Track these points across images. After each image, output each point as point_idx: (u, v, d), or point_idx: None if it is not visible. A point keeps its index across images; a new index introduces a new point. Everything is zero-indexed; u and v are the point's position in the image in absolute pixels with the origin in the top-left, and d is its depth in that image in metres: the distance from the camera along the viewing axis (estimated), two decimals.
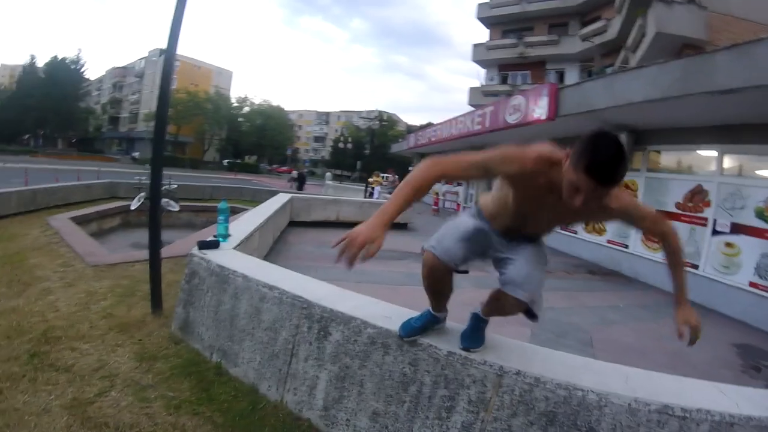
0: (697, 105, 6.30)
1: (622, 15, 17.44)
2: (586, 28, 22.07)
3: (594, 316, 5.19)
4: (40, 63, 52.84)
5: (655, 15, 12.67)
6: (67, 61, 53.04)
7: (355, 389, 2.12)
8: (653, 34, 12.63)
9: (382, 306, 2.40)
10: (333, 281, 3.51)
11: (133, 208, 7.61)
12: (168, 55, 3.56)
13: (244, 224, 4.79)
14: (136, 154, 47.91)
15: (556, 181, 1.48)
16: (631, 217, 1.68)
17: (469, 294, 2.09)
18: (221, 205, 3.67)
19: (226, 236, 3.58)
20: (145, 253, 5.32)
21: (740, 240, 6.49)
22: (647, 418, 1.65)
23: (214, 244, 3.27)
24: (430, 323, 2.06)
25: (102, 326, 3.20)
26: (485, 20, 27.47)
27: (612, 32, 19.58)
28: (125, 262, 4.98)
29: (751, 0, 12.37)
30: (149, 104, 51.85)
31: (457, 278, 1.91)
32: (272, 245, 6.56)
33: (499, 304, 1.85)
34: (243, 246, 3.76)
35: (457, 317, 2.18)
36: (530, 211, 1.71)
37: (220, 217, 3.61)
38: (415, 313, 2.15)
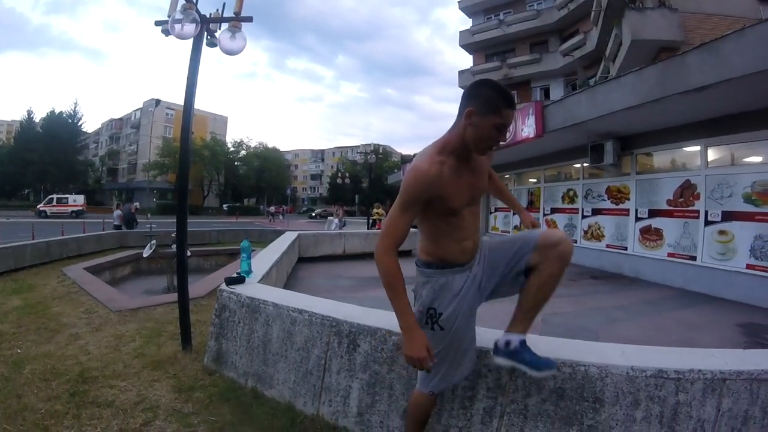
0: (676, 105, 6.65)
1: (599, 27, 18.02)
2: (566, 43, 22.80)
3: (600, 317, 5.41)
4: (37, 118, 53.66)
5: (629, 23, 13.21)
6: (64, 115, 53.86)
7: (385, 392, 2.36)
8: (629, 41, 13.14)
9: None
10: None
11: (145, 255, 7.82)
12: (186, 108, 3.81)
13: (262, 261, 5.04)
14: (136, 204, 48.19)
15: (456, 155, 1.69)
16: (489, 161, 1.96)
17: (479, 309, 2.18)
18: (243, 244, 3.95)
19: (249, 272, 3.84)
20: (163, 297, 5.65)
21: (732, 226, 6.81)
22: (645, 383, 1.89)
23: (240, 280, 3.53)
24: None
25: (136, 365, 3.35)
26: (468, 47, 28.30)
27: (591, 44, 20.21)
28: (147, 306, 5.16)
29: None
30: (146, 154, 52.50)
31: None
32: (286, 281, 6.81)
33: (558, 272, 1.77)
34: (265, 281, 4.01)
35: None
36: (461, 200, 1.73)
37: (243, 255, 3.87)
38: None
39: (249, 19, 4.03)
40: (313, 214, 50.94)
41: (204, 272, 8.91)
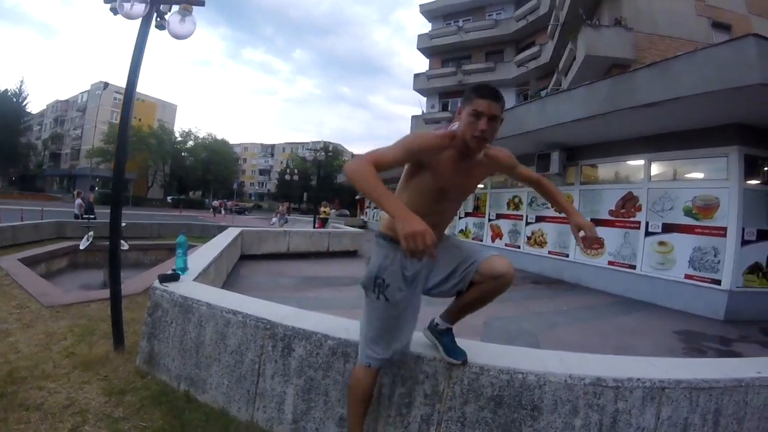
0: (624, 120, 6.91)
1: (554, 40, 18.54)
2: (521, 54, 23.23)
3: (541, 321, 5.52)
4: None
5: (584, 39, 13.62)
6: (9, 94, 50.45)
7: (321, 399, 2.27)
8: (583, 56, 13.55)
9: (339, 320, 2.56)
10: None
11: (82, 248, 7.42)
12: (128, 92, 3.56)
13: (200, 258, 4.83)
14: (93, 194, 45.55)
15: (459, 149, 1.83)
16: (512, 166, 2.10)
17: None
18: (180, 239, 3.74)
19: (185, 269, 3.65)
20: (98, 293, 5.33)
21: (672, 238, 7.13)
22: (584, 391, 1.90)
23: (174, 277, 3.34)
24: None
25: (66, 365, 3.18)
26: (425, 50, 28.52)
27: (545, 57, 20.77)
28: (80, 302, 4.89)
29: (673, 19, 13.54)
30: (91, 140, 49.75)
31: None
32: (225, 279, 6.58)
33: (490, 295, 1.90)
34: (201, 278, 3.83)
35: None
36: (448, 187, 1.87)
37: (179, 251, 3.67)
38: None
39: (201, 3, 3.85)
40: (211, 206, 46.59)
41: (143, 267, 8.55)
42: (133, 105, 3.71)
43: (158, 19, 3.70)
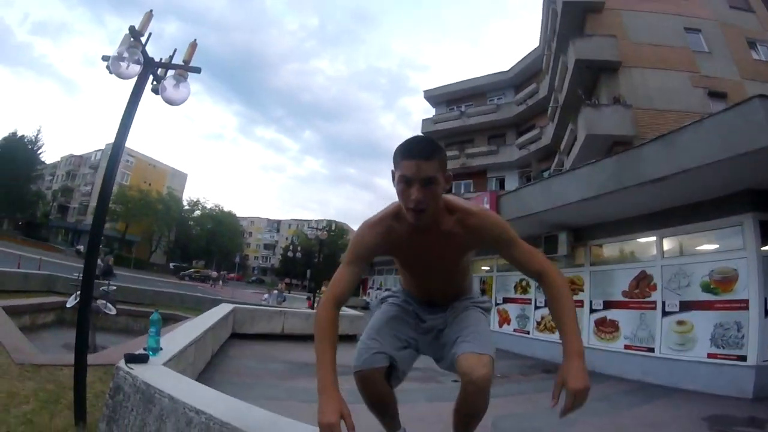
0: (631, 197, 6.71)
1: (555, 122, 18.91)
2: (522, 137, 23.71)
3: (555, 418, 4.87)
4: None
5: (584, 118, 13.85)
6: (25, 140, 51.67)
7: None
8: (584, 136, 13.71)
9: None
10: (274, 400, 3.20)
11: (69, 306, 7.01)
12: (114, 152, 3.42)
13: (180, 336, 4.40)
14: (81, 248, 44.86)
15: (405, 224, 1.59)
16: (499, 239, 1.62)
17: (422, 408, 1.91)
18: (153, 316, 3.35)
19: (157, 350, 3.24)
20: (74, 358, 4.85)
21: (691, 316, 6.70)
22: None
23: (143, 358, 2.95)
24: None
25: None
26: (429, 134, 29.13)
27: (546, 138, 21.11)
28: (53, 365, 4.49)
29: (670, 93, 13.81)
30: None
31: (407, 391, 1.77)
32: (210, 359, 6.07)
33: (465, 401, 1.62)
34: (176, 361, 3.41)
35: None
36: (411, 264, 1.79)
37: (152, 330, 3.28)
38: None
39: (197, 70, 3.74)
40: (182, 273, 45.81)
41: (133, 334, 8.33)
42: (119, 164, 3.59)
43: (154, 82, 3.59)
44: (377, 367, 1.65)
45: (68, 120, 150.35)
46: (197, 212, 61.16)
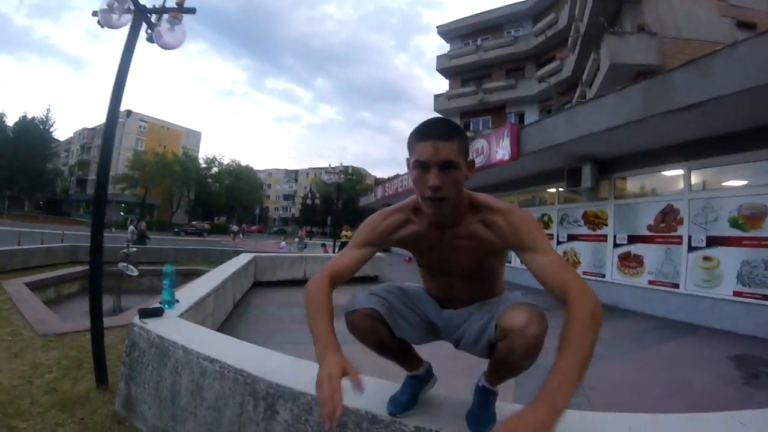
0: (659, 126, 6.36)
1: (576, 53, 18.20)
2: (542, 69, 22.97)
3: None
4: (10, 122, 51.83)
5: (607, 48, 13.26)
6: (36, 121, 52.54)
7: None
8: (607, 66, 13.16)
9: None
10: (297, 344, 3.16)
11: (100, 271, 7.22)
12: (112, 107, 3.32)
13: (199, 287, 4.41)
14: (143, 222, 46.42)
15: (424, 220, 1.43)
16: (522, 239, 1.31)
17: (448, 346, 1.75)
18: (166, 268, 3.29)
19: (172, 302, 3.21)
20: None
21: (718, 252, 6.49)
22: None
23: (157, 312, 2.92)
24: (416, 388, 1.69)
25: (44, 402, 2.87)
26: (444, 71, 28.37)
27: (567, 70, 20.38)
28: (76, 332, 4.58)
29: (697, 21, 13.19)
30: (116, 167, 51.44)
31: None
32: (233, 309, 6.13)
33: (507, 359, 1.34)
34: (193, 312, 3.40)
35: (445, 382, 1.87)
36: (430, 264, 1.57)
37: (165, 282, 3.24)
38: (390, 384, 1.80)
39: (192, 11, 3.57)
40: (177, 230, 46.23)
41: (158, 293, 8.32)
42: (117, 120, 3.51)
43: (148, 30, 3.43)
44: (369, 308, 1.45)
45: (78, 95, 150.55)
46: (214, 169, 61.29)
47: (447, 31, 28.57)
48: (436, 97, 28.04)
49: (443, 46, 29.41)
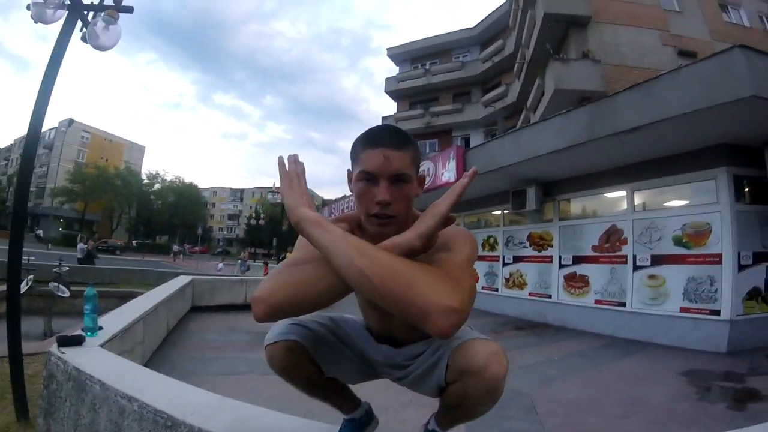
0: (603, 149, 6.57)
1: (521, 79, 18.77)
2: (488, 94, 23.50)
3: (531, 376, 4.74)
4: None
5: (552, 73, 13.71)
6: None
7: None
8: (552, 91, 13.60)
9: (275, 418, 1.76)
10: (234, 375, 2.93)
11: (20, 292, 6.52)
12: (36, 111, 3.07)
13: (126, 312, 4.03)
14: (39, 232, 43.21)
15: (367, 239, 1.07)
16: (441, 245, 1.09)
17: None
18: (88, 291, 2.92)
19: (94, 330, 2.87)
20: (29, 346, 4.39)
21: (663, 270, 6.70)
22: None
23: (77, 340, 2.59)
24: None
25: None
26: (393, 93, 28.56)
27: (512, 96, 20.98)
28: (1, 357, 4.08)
29: (640, 49, 13.80)
30: (56, 178, 48.35)
31: None
32: (167, 335, 5.69)
33: (463, 402, 1.19)
34: (119, 340, 3.07)
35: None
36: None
37: (87, 307, 2.87)
38: (327, 428, 1.63)
39: (129, 10, 3.32)
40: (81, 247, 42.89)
41: None
42: (42, 126, 3.16)
43: (83, 29, 3.18)
44: (291, 340, 1.27)
45: (21, 99, 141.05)
46: (157, 185, 58.99)
47: (397, 54, 28.91)
48: (384, 119, 28.12)
49: (393, 69, 29.73)
